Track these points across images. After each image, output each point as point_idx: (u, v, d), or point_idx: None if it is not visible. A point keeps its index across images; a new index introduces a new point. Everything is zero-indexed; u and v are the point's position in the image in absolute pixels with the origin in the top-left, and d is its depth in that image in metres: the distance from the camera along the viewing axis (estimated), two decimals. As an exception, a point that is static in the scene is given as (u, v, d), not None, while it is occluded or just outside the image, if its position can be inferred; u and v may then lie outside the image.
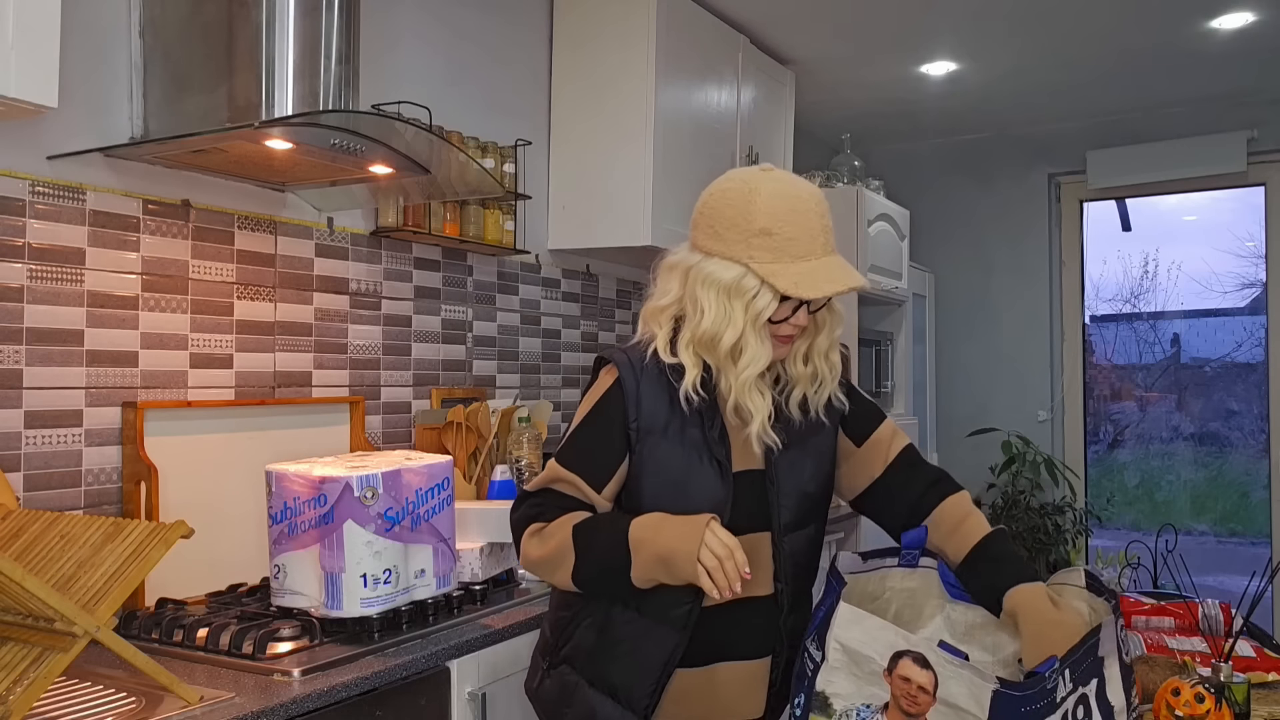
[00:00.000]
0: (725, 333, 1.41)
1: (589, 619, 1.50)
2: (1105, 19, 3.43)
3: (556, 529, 1.43)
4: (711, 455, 1.46)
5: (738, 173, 1.49)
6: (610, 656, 1.48)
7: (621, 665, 1.47)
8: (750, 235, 1.41)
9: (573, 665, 1.51)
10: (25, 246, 1.76)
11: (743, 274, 1.41)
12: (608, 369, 1.51)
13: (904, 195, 4.68)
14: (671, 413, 1.46)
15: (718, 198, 1.47)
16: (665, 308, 1.48)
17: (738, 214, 1.42)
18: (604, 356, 1.52)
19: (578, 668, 1.51)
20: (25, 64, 1.44)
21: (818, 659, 1.35)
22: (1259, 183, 4.53)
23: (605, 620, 1.48)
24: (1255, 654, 1.72)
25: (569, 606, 1.53)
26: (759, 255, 1.40)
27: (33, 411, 1.76)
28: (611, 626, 1.48)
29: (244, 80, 1.81)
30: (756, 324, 1.41)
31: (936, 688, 1.26)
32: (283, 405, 2.19)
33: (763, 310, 1.40)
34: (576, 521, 1.43)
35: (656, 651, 1.45)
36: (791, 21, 3.42)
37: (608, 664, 1.48)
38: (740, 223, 1.42)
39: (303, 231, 2.28)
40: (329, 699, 1.49)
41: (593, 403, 1.49)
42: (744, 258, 1.41)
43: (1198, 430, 4.94)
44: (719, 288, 1.42)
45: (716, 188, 1.49)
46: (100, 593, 1.32)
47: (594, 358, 1.54)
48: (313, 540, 1.68)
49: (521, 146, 2.71)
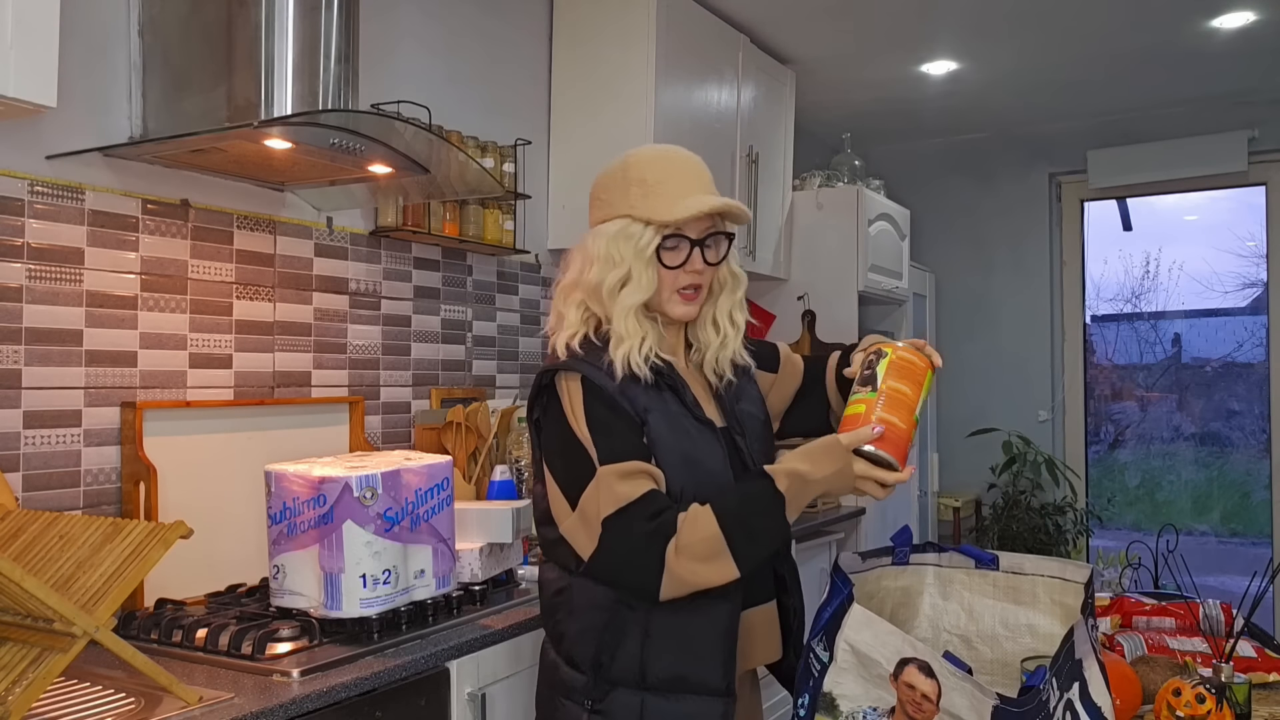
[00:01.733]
0: (610, 274, 1.46)
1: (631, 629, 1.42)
2: (1105, 19, 3.43)
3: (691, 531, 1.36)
4: (696, 418, 1.48)
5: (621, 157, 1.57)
6: (671, 653, 1.42)
7: (687, 656, 1.43)
8: (627, 188, 1.49)
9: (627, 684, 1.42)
10: (24, 246, 1.75)
11: (626, 223, 1.47)
12: (568, 376, 1.45)
13: (904, 195, 4.68)
14: (650, 393, 1.45)
15: (599, 176, 1.56)
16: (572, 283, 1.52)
17: (614, 179, 1.52)
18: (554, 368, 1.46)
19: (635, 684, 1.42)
20: (24, 64, 1.44)
21: (825, 659, 1.35)
22: (1259, 182, 4.53)
23: (647, 623, 1.42)
24: (1256, 654, 1.72)
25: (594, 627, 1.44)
26: (636, 203, 1.47)
27: (32, 411, 1.76)
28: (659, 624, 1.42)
29: (243, 80, 1.81)
30: (643, 258, 1.45)
31: (940, 697, 1.26)
32: (282, 405, 2.19)
33: (646, 245, 1.45)
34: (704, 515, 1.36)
35: (717, 623, 1.43)
36: (791, 21, 3.42)
37: (670, 663, 1.42)
38: (617, 183, 1.51)
39: (302, 231, 2.28)
40: (328, 699, 1.48)
41: (581, 405, 1.43)
42: (624, 210, 1.48)
43: (1199, 430, 4.94)
44: (605, 238, 1.48)
45: (604, 168, 1.57)
46: (99, 593, 1.32)
47: (540, 373, 1.48)
48: (312, 540, 1.68)
49: (521, 146, 2.71)
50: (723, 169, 3.31)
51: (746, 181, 3.43)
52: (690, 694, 1.42)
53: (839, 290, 3.77)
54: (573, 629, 1.46)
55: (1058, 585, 1.53)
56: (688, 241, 1.47)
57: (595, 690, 1.42)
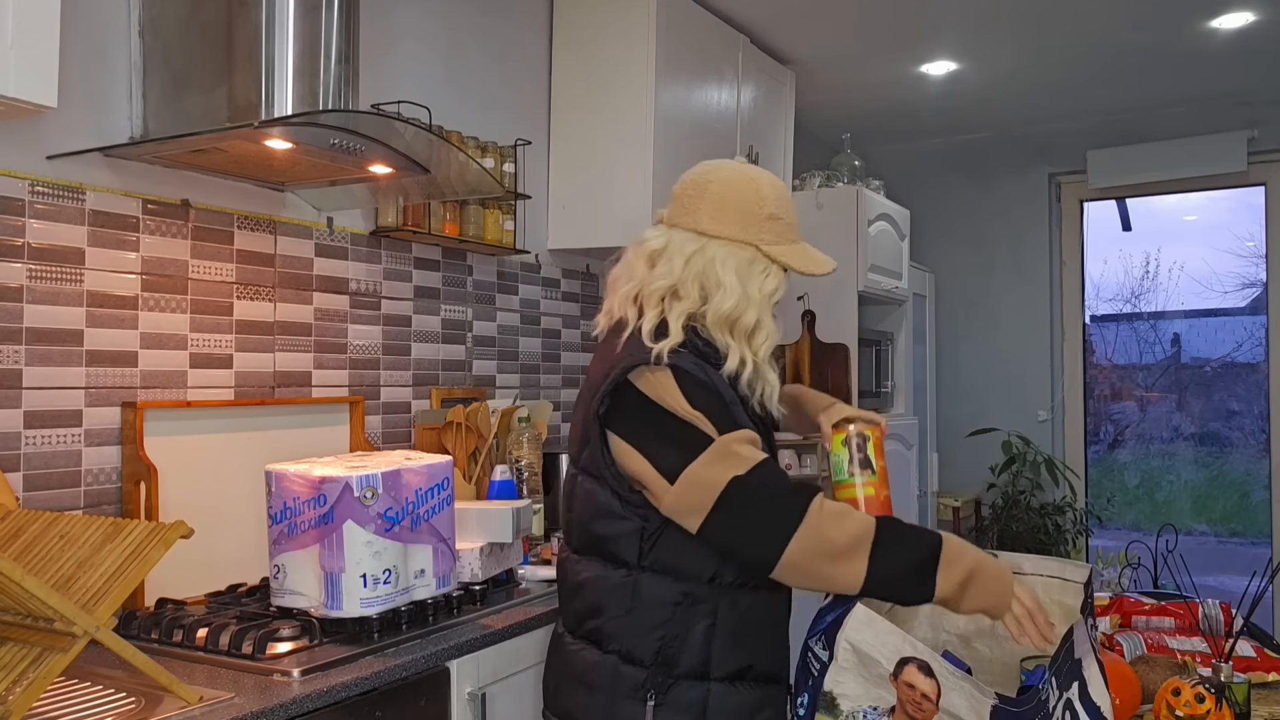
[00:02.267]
0: (746, 311, 1.49)
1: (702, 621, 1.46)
2: (1105, 19, 3.43)
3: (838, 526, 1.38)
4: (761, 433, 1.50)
5: (725, 163, 1.58)
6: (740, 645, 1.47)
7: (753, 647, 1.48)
8: (761, 220, 1.52)
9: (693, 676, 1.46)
10: (25, 246, 1.75)
11: (755, 255, 1.52)
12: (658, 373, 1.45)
13: (904, 195, 4.68)
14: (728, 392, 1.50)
15: (723, 187, 1.53)
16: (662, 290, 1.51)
17: (746, 200, 1.52)
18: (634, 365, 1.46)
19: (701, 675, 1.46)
20: (25, 64, 1.44)
21: (824, 659, 1.35)
22: (1259, 182, 4.53)
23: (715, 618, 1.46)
24: (1255, 654, 1.72)
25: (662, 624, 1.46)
26: (768, 239, 1.52)
27: (32, 411, 1.76)
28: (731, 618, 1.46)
29: (243, 80, 1.81)
30: (769, 302, 1.52)
31: (939, 697, 1.27)
32: (282, 405, 2.19)
33: (776, 289, 1.53)
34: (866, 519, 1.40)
35: (773, 617, 1.51)
36: (791, 21, 3.42)
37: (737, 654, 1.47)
38: (750, 207, 1.52)
39: (302, 231, 2.28)
40: (329, 699, 1.48)
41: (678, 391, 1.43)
42: (753, 239, 1.51)
43: (1198, 430, 4.94)
44: (734, 270, 1.49)
45: (715, 176, 1.55)
46: (100, 593, 1.32)
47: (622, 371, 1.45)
48: (312, 540, 1.68)
49: (521, 146, 2.71)
50: (723, 169, 3.31)
51: (746, 181, 3.43)
52: (755, 683, 1.48)
53: (839, 290, 3.77)
54: (632, 624, 1.46)
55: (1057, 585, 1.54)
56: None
57: (659, 683, 1.44)
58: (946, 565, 1.36)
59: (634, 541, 1.47)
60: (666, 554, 1.46)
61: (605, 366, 1.49)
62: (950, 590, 1.36)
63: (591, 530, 1.52)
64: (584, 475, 1.53)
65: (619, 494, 1.48)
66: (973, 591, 1.36)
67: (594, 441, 1.49)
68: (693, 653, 1.45)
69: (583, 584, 1.53)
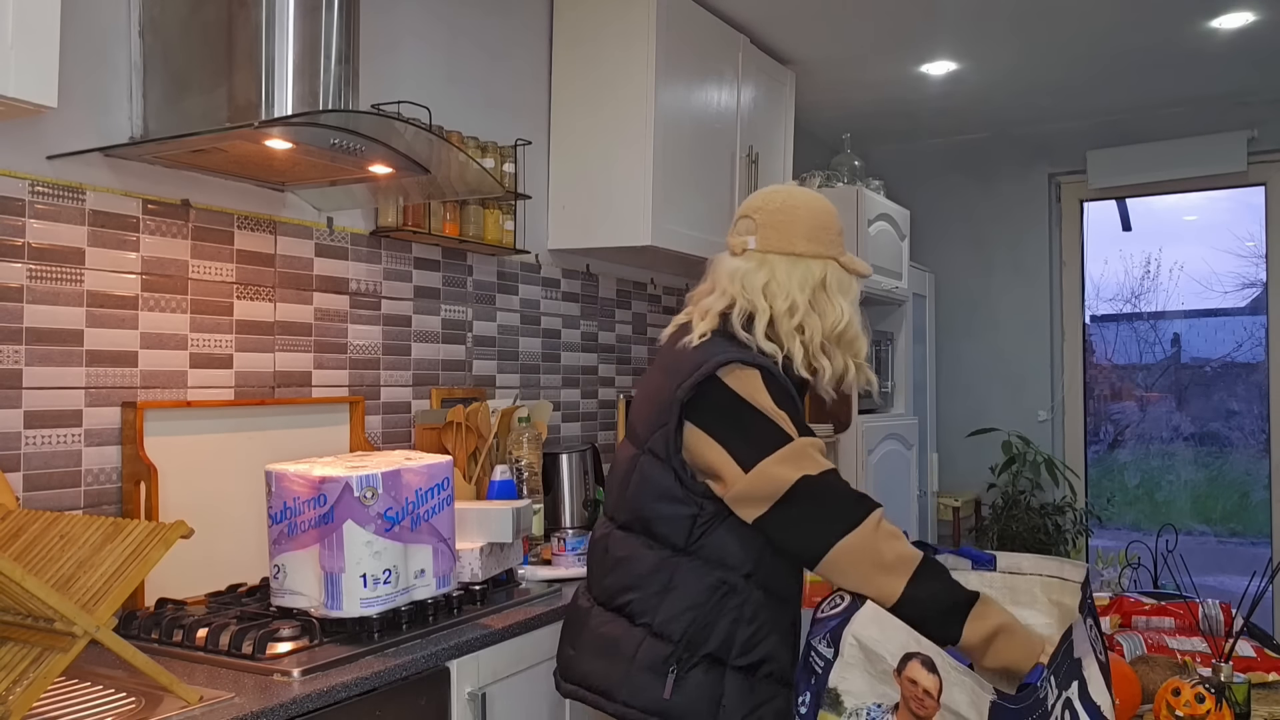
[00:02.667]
0: (843, 323, 1.65)
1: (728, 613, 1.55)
2: (1105, 19, 3.43)
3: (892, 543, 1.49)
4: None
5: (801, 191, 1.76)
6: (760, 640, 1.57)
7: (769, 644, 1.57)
8: (836, 235, 1.70)
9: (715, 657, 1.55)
10: (25, 246, 1.76)
11: (838, 269, 1.68)
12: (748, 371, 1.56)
13: (904, 195, 4.68)
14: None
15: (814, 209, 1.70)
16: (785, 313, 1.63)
17: (827, 219, 1.70)
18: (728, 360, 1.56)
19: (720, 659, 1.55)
20: (25, 64, 1.44)
21: (829, 656, 1.35)
22: (1259, 183, 4.53)
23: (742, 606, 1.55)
24: (1255, 654, 1.72)
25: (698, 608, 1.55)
26: (839, 251, 1.70)
27: (32, 411, 1.76)
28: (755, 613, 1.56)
29: (244, 80, 1.81)
30: (855, 306, 1.68)
31: (941, 693, 1.27)
32: (282, 405, 2.19)
33: (858, 295, 1.70)
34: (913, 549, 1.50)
35: (783, 619, 1.60)
36: (791, 21, 3.42)
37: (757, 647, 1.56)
38: (830, 225, 1.70)
39: (302, 231, 2.28)
40: (329, 699, 1.48)
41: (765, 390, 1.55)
42: (834, 253, 1.69)
43: (1198, 430, 4.94)
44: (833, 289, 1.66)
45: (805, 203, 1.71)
46: (100, 593, 1.32)
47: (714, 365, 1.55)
48: (312, 540, 1.68)
49: (521, 146, 2.71)
50: (722, 169, 3.31)
51: (746, 181, 3.43)
52: (767, 679, 1.56)
53: (839, 290, 3.76)
54: (667, 602, 1.56)
55: (1055, 584, 1.54)
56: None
57: (683, 659, 1.54)
58: (977, 617, 1.44)
59: (685, 526, 1.57)
60: (712, 543, 1.56)
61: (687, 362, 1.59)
62: (977, 640, 1.43)
63: (644, 509, 1.61)
64: (649, 456, 1.61)
65: (681, 479, 1.57)
66: (999, 646, 1.43)
67: (669, 427, 1.58)
68: (717, 638, 1.54)
69: (623, 559, 1.62)
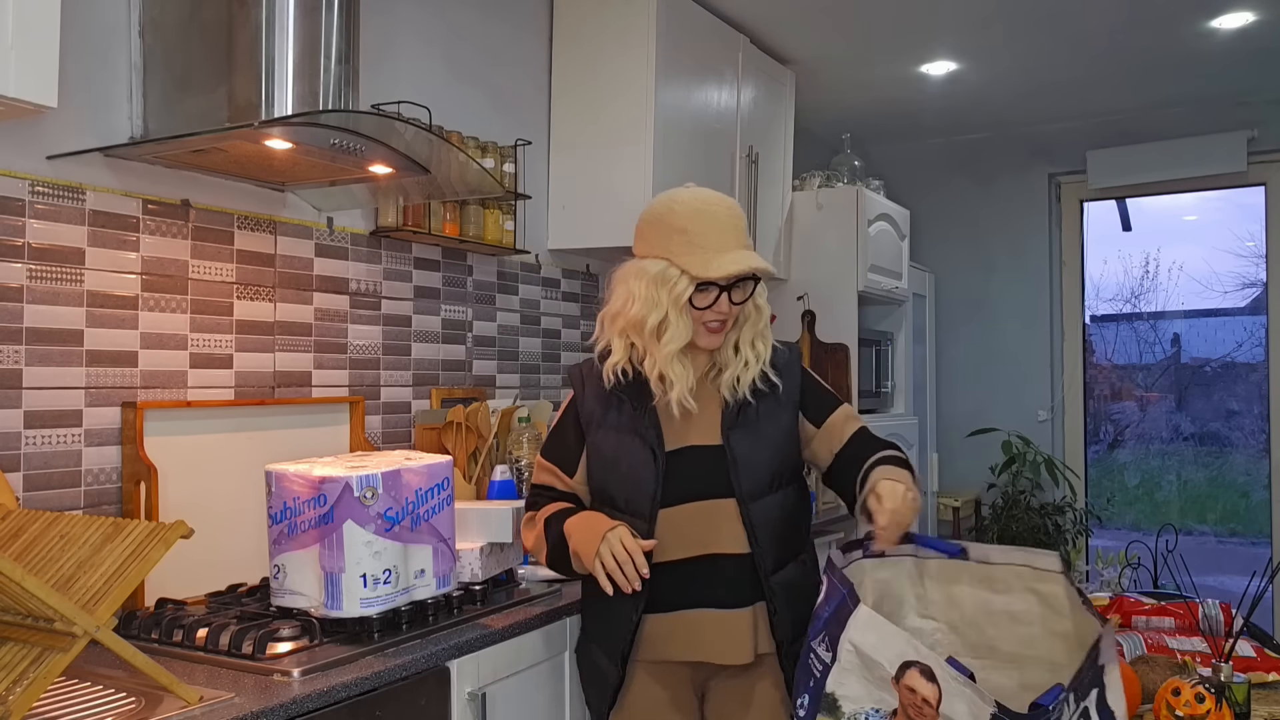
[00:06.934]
0: (650, 314, 1.70)
1: (587, 585, 1.79)
2: (1105, 19, 3.43)
3: (537, 520, 1.81)
4: (641, 436, 1.74)
5: (666, 193, 1.80)
6: (592, 613, 1.84)
7: (600, 619, 1.80)
8: (670, 234, 1.72)
9: (582, 626, 1.88)
10: (25, 246, 1.76)
11: (665, 266, 1.71)
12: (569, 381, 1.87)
13: (904, 195, 4.68)
14: (608, 406, 1.79)
15: (647, 211, 1.79)
16: (616, 311, 1.76)
17: (659, 220, 1.74)
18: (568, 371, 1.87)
19: (582, 625, 1.89)
20: (25, 64, 1.44)
21: (827, 660, 1.35)
22: (1259, 183, 4.53)
23: (589, 583, 1.75)
24: (1255, 654, 1.72)
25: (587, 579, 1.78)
26: (677, 250, 1.70)
27: (32, 411, 1.76)
28: (591, 587, 1.76)
29: (244, 80, 1.81)
30: (678, 305, 1.70)
31: (940, 702, 1.26)
32: (283, 405, 2.19)
33: (681, 293, 1.69)
34: (548, 514, 1.79)
35: (624, 604, 1.71)
36: (791, 21, 3.42)
37: (592, 619, 1.85)
38: (660, 226, 1.73)
39: (303, 231, 2.28)
40: (329, 699, 1.48)
41: (561, 409, 1.88)
42: (665, 253, 1.71)
43: (1198, 430, 4.94)
44: (647, 279, 1.71)
45: (649, 206, 1.80)
46: (100, 593, 1.32)
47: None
48: (312, 540, 1.68)
49: (521, 146, 2.71)
50: (722, 169, 3.31)
51: (746, 182, 3.43)
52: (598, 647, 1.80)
53: (839, 290, 3.77)
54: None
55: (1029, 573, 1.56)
56: (717, 287, 1.71)
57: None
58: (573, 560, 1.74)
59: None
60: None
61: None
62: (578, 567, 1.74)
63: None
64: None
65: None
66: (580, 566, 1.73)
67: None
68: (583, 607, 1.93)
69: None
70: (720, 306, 1.72)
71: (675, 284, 1.69)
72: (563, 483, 1.83)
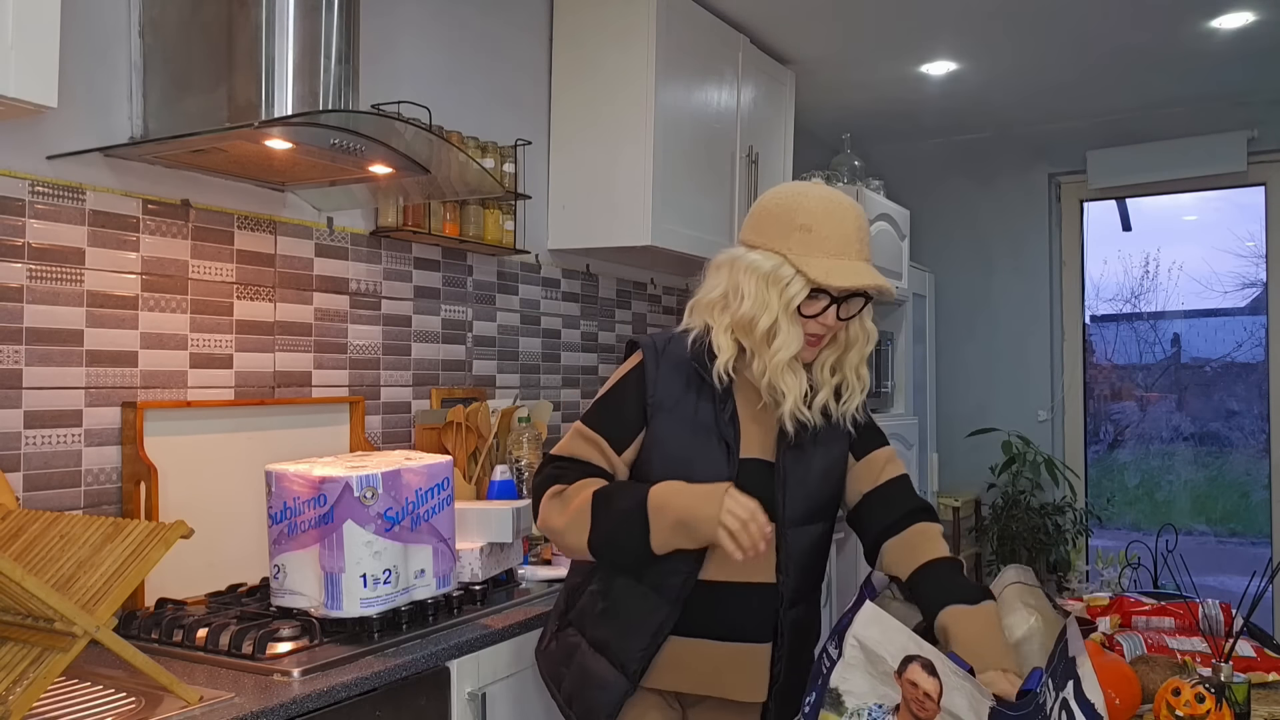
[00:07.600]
0: (762, 316, 1.54)
1: (595, 585, 1.64)
2: (1105, 19, 3.43)
3: (576, 493, 1.56)
4: (720, 436, 1.58)
5: (791, 183, 1.66)
6: (608, 620, 1.61)
7: (617, 629, 1.60)
8: (791, 230, 1.55)
9: (577, 628, 1.66)
10: (25, 246, 1.76)
11: (780, 263, 1.54)
12: (635, 352, 1.66)
13: (904, 195, 4.68)
14: (686, 394, 1.60)
15: (769, 199, 1.62)
16: (714, 301, 1.61)
17: (783, 212, 1.57)
18: (633, 340, 1.66)
19: (581, 630, 1.65)
20: (25, 64, 1.44)
21: (834, 656, 1.35)
22: (1259, 183, 4.53)
23: (608, 587, 1.62)
24: (1255, 654, 1.72)
25: (581, 574, 1.67)
26: (796, 248, 1.54)
27: (32, 411, 1.76)
28: (612, 592, 1.61)
29: (244, 80, 1.81)
30: (789, 310, 1.54)
31: (941, 696, 1.27)
32: (282, 405, 2.19)
33: (795, 296, 1.53)
34: (597, 488, 1.55)
35: (649, 618, 1.57)
36: (791, 21, 3.42)
37: (605, 627, 1.61)
38: (784, 219, 1.56)
39: (303, 231, 2.28)
40: (329, 699, 1.48)
41: (617, 378, 1.65)
42: (783, 249, 1.55)
43: (1198, 430, 4.94)
44: (758, 275, 1.55)
45: (769, 193, 1.63)
46: (100, 593, 1.32)
47: (625, 343, 1.65)
48: (312, 540, 1.68)
49: (521, 146, 2.71)
50: (723, 169, 3.31)
51: (746, 181, 3.43)
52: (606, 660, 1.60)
53: (839, 290, 3.76)
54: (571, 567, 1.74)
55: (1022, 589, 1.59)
56: (829, 297, 1.55)
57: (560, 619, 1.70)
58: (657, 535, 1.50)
59: None
60: None
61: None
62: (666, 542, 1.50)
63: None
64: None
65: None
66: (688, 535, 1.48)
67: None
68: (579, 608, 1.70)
69: None
70: (826, 319, 1.56)
71: (788, 285, 1.53)
72: (604, 458, 1.60)
